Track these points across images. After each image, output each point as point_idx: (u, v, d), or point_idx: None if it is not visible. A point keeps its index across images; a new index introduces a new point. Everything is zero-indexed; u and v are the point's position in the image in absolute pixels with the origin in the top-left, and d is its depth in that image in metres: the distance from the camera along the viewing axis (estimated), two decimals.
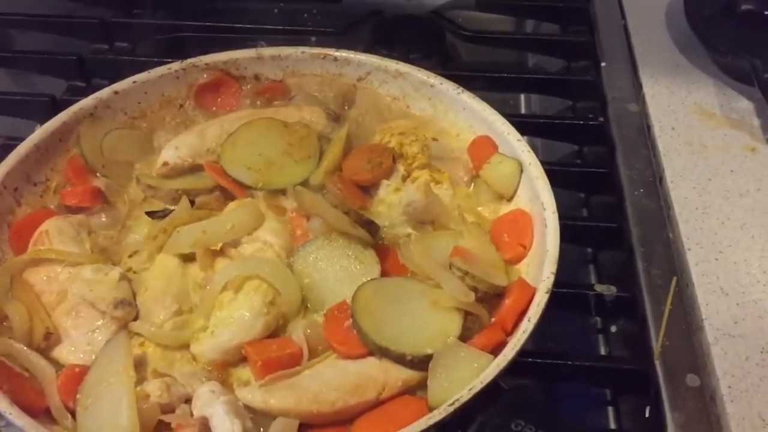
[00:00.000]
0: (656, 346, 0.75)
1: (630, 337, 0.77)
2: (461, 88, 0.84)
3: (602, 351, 0.78)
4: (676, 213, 0.87)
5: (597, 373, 0.73)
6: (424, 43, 1.15)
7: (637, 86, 1.04)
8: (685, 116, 1.00)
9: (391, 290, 0.66)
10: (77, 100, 0.96)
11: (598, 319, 0.80)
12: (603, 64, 1.08)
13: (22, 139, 0.91)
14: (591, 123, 0.96)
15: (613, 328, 0.78)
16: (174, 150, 0.81)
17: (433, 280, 0.67)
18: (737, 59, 1.01)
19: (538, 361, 0.70)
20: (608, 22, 1.15)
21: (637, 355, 0.74)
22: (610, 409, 0.74)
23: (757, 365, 0.72)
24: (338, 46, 1.11)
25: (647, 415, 0.70)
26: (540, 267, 0.68)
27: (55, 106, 0.98)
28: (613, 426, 0.73)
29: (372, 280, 0.68)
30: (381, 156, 0.80)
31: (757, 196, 0.89)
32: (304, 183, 0.79)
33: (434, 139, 0.84)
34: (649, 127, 0.99)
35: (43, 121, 0.96)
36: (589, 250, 0.86)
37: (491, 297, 0.68)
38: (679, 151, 0.95)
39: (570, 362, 0.72)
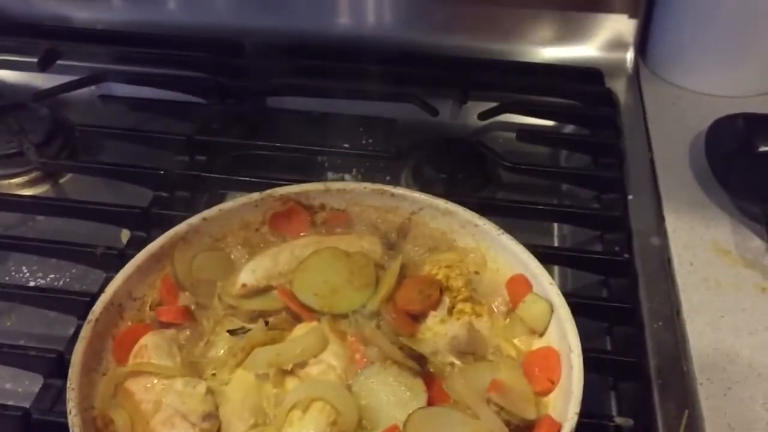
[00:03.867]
0: None
1: None
2: (502, 230, 0.95)
3: None
4: (690, 347, 0.98)
5: None
6: (468, 167, 1.29)
7: (660, 220, 1.16)
8: (702, 252, 1.11)
9: (437, 419, 0.78)
10: (164, 213, 1.12)
11: None
12: (630, 197, 1.20)
13: (118, 249, 1.07)
14: (617, 258, 1.07)
15: None
16: (251, 273, 0.94)
17: (473, 410, 0.79)
18: (750, 202, 1.12)
19: None
20: (636, 155, 1.28)
21: None
22: None
23: None
24: (390, 167, 1.26)
25: None
26: (565, 403, 0.78)
27: (146, 216, 1.13)
28: None
29: (421, 408, 0.79)
30: (430, 288, 0.92)
31: (764, 336, 0.99)
32: (362, 307, 0.91)
33: (476, 273, 0.96)
34: (669, 261, 1.10)
35: (134, 229, 1.12)
36: (611, 379, 0.96)
37: (522, 429, 0.79)
38: (696, 287, 1.06)
39: None
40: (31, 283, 1.12)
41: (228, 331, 0.89)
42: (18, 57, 1.48)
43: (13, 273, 1.14)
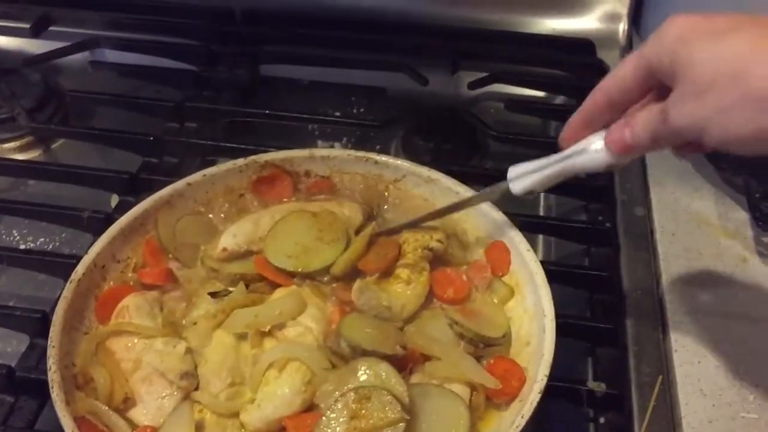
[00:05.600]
0: None
1: (617, 428, 0.88)
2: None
3: None
4: (668, 315, 0.99)
5: None
6: (457, 136, 1.29)
7: (645, 191, 1.17)
8: (685, 223, 1.11)
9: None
10: (153, 179, 1.13)
11: (590, 409, 0.91)
12: None
13: (104, 213, 1.08)
14: (599, 227, 1.08)
15: (602, 420, 0.89)
16: (232, 237, 0.95)
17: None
18: (736, 175, 1.12)
19: None
20: None
21: None
22: None
23: None
24: (379, 136, 1.27)
25: None
26: (537, 366, 0.80)
27: (134, 182, 1.14)
28: None
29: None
30: (387, 249, 0.93)
31: (742, 306, 1.00)
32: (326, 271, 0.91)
33: (454, 234, 0.96)
34: (652, 232, 1.11)
35: (122, 194, 1.13)
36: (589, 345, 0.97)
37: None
38: (677, 257, 1.06)
39: None
40: (21, 246, 1.14)
41: (209, 294, 0.90)
42: (10, 22, 1.48)
43: (4, 236, 1.16)
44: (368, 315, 0.84)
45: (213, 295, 0.90)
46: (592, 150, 0.76)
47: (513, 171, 0.84)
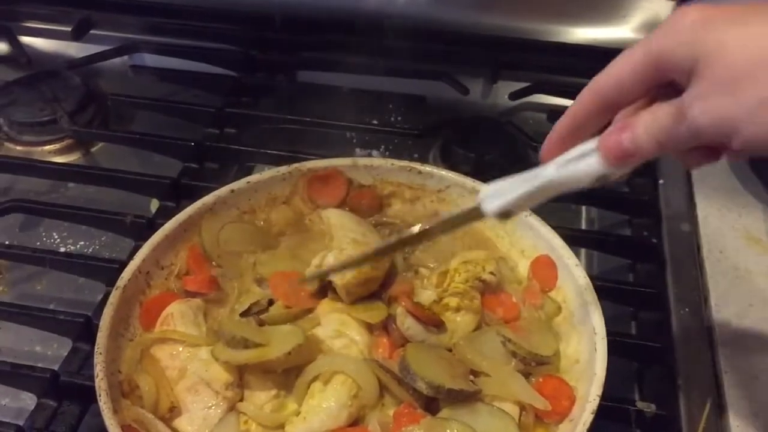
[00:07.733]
0: None
1: None
2: (529, 211, 0.95)
3: None
4: (716, 335, 0.97)
5: None
6: (497, 147, 1.27)
7: (691, 206, 1.14)
8: (733, 240, 1.09)
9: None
10: (193, 184, 1.13)
11: (639, 430, 0.89)
12: (661, 181, 1.18)
13: (146, 218, 1.08)
14: (645, 243, 1.06)
15: None
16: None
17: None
18: None
19: None
20: None
21: None
22: None
23: None
24: (417, 145, 1.26)
25: None
26: (588, 385, 0.78)
27: (175, 187, 1.14)
28: None
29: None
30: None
31: None
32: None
33: (501, 258, 0.95)
34: (698, 248, 1.08)
35: (163, 199, 1.13)
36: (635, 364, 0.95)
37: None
38: (725, 274, 1.04)
39: None
40: (62, 249, 1.14)
41: (240, 314, 0.88)
42: (52, 26, 1.49)
43: (44, 238, 1.16)
44: (422, 344, 0.83)
45: (244, 314, 0.87)
46: (581, 160, 0.65)
47: (486, 189, 0.72)
